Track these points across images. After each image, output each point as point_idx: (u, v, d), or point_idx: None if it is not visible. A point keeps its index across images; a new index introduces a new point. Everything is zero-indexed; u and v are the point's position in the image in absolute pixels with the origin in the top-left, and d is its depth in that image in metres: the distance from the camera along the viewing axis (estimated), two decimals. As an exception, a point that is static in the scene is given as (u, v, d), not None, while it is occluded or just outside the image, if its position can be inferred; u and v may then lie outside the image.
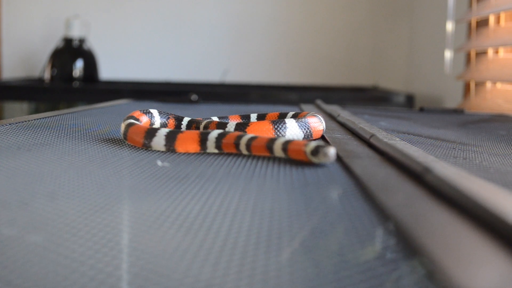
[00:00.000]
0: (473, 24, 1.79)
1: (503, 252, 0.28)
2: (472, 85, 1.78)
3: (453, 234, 0.32)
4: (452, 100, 1.93)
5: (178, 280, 0.25)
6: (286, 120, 0.67)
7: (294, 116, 0.78)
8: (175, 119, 0.75)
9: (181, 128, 0.73)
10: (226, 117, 0.80)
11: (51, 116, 0.89)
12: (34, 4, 2.55)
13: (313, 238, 0.31)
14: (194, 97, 1.40)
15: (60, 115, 0.92)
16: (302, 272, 0.26)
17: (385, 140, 0.60)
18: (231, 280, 0.25)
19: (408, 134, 0.83)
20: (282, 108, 1.30)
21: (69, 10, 2.48)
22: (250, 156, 0.59)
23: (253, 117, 0.81)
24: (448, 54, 1.94)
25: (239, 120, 0.80)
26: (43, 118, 0.86)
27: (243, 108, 1.28)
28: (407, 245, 0.29)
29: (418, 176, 0.44)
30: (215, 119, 0.76)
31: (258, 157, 0.58)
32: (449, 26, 1.94)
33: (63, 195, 0.39)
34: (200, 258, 0.27)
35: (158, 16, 2.56)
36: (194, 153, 0.60)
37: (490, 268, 0.27)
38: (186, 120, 0.74)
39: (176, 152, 0.60)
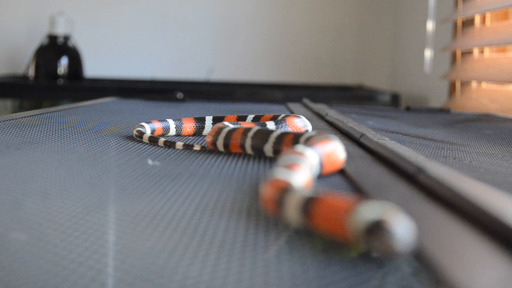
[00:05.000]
0: (459, 23, 1.80)
1: (497, 251, 0.29)
2: (458, 85, 1.79)
3: (447, 233, 0.32)
4: (437, 99, 1.94)
5: (179, 281, 0.24)
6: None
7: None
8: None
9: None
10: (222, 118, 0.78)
11: (38, 114, 0.88)
12: (18, 0, 2.53)
13: (304, 238, 0.31)
14: (179, 95, 1.39)
15: (47, 113, 0.91)
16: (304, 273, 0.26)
17: (375, 139, 0.60)
18: (231, 281, 0.25)
19: (396, 133, 0.83)
20: (269, 107, 1.30)
21: (53, 7, 2.46)
22: (241, 156, 0.59)
23: (250, 118, 0.79)
24: (428, 54, 1.95)
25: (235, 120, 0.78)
26: (30, 116, 0.85)
27: (230, 107, 1.27)
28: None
29: (411, 176, 0.44)
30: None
31: (249, 157, 0.58)
32: (430, 25, 1.95)
33: (55, 195, 0.39)
34: (199, 259, 0.27)
35: (144, 14, 2.55)
36: (184, 152, 0.59)
37: (485, 266, 0.27)
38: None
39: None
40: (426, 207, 0.37)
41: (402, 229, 0.27)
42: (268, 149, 0.57)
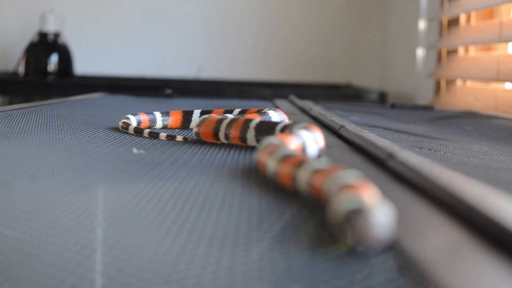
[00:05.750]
0: (445, 22, 1.83)
1: (452, 224, 0.31)
2: (443, 83, 1.81)
3: (409, 210, 0.34)
4: (424, 97, 1.97)
5: (159, 264, 0.26)
6: None
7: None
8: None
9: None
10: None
11: (27, 107, 0.89)
12: (8, -3, 2.54)
13: (285, 232, 0.32)
14: (168, 91, 1.41)
15: (36, 106, 0.93)
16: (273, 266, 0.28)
17: (354, 131, 0.62)
18: (216, 265, 0.27)
19: (378, 127, 0.85)
20: (255, 103, 1.32)
21: (44, 4, 2.48)
22: (224, 146, 0.61)
23: (236, 112, 0.81)
24: (420, 53, 1.97)
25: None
26: (19, 109, 0.87)
27: (218, 103, 1.29)
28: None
29: (382, 162, 0.46)
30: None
31: (232, 146, 0.60)
32: (422, 24, 1.97)
33: (43, 178, 0.41)
34: (176, 247, 0.29)
35: (134, 12, 2.57)
36: (168, 143, 0.61)
37: (439, 238, 0.29)
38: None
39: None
40: (392, 189, 0.39)
41: (380, 218, 0.26)
42: None
